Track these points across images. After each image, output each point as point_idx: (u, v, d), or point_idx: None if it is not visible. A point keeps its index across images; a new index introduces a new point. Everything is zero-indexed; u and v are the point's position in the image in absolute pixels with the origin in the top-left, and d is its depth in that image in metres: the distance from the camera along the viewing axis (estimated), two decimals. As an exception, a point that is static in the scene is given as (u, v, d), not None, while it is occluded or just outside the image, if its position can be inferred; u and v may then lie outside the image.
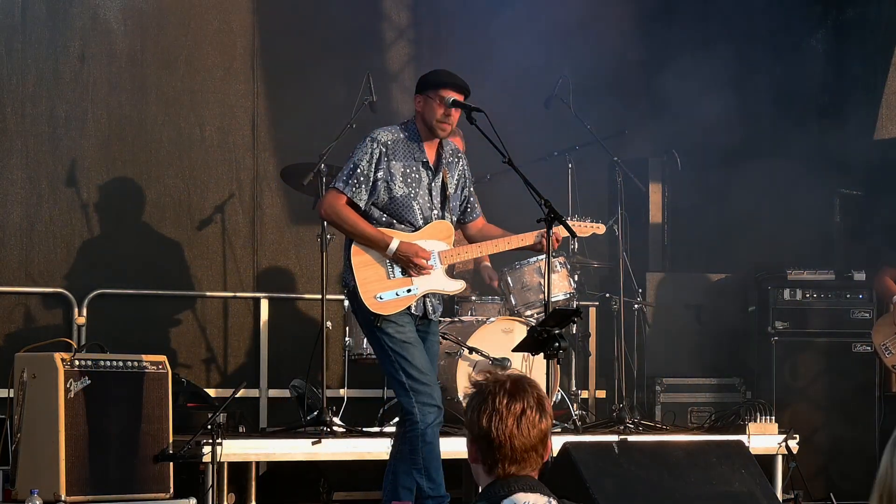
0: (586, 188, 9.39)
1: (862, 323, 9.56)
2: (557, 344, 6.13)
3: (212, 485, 7.46)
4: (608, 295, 9.49)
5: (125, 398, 7.44)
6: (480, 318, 8.65)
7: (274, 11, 9.77)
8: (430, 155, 6.85)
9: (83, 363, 7.35)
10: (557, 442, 7.61)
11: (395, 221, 6.77)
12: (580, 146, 9.35)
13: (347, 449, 7.88)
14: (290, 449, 7.82)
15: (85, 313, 8.86)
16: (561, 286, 8.69)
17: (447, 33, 10.04)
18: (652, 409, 9.64)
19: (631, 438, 8.29)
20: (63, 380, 7.23)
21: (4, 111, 8.96)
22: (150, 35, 9.39)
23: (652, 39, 10.11)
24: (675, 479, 7.73)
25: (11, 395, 7.54)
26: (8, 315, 8.87)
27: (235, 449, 7.60)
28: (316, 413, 8.15)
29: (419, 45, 10.17)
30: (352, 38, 9.97)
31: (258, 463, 8.30)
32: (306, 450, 7.80)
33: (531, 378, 3.61)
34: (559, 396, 8.65)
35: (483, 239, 7.05)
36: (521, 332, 7.84)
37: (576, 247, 9.08)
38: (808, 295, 9.75)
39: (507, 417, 3.50)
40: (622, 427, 8.70)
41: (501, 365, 8.30)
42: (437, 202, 6.86)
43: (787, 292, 9.75)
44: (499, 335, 8.40)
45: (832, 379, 9.64)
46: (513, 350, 6.82)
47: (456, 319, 8.76)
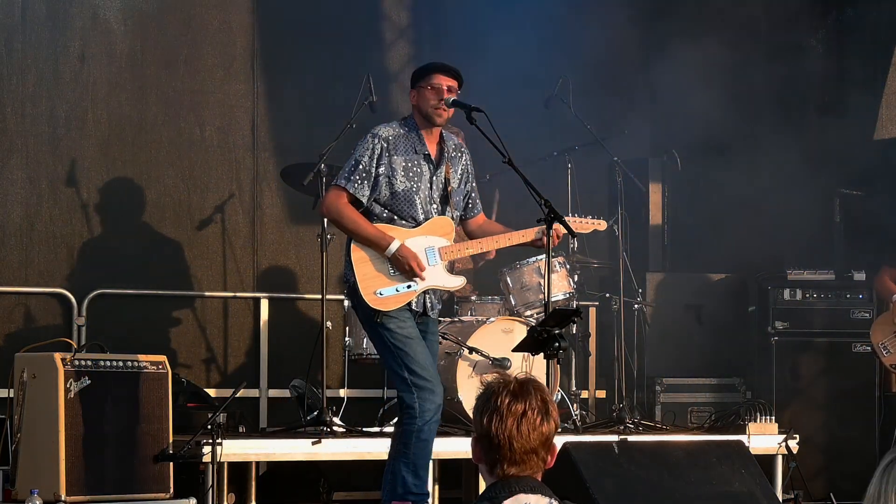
0: (586, 188, 9.39)
1: (862, 323, 9.56)
2: (557, 344, 6.12)
3: (212, 485, 7.46)
4: (608, 295, 9.49)
5: (125, 398, 7.44)
6: (480, 318, 8.65)
7: (274, 11, 9.77)
8: (432, 148, 6.84)
9: (83, 363, 7.34)
10: (557, 442, 7.58)
11: (396, 217, 6.76)
12: (580, 146, 9.35)
13: (347, 449, 7.88)
14: (290, 449, 7.82)
15: (85, 313, 8.86)
16: (561, 286, 8.69)
17: (447, 33, 10.04)
18: (652, 409, 9.64)
19: (631, 438, 8.29)
20: (63, 380, 7.23)
21: (4, 111, 8.96)
22: (150, 35, 9.39)
23: (652, 39, 10.11)
24: (675, 479, 7.73)
25: (11, 395, 7.53)
26: (8, 315, 8.87)
27: (235, 449, 7.60)
28: (316, 413, 8.15)
29: (419, 45, 10.16)
30: (352, 38, 9.97)
31: (258, 463, 8.30)
32: (306, 450, 7.80)
33: (539, 381, 3.59)
34: (559, 396, 8.65)
35: (483, 235, 7.04)
36: (521, 332, 7.84)
37: (575, 247, 9.08)
38: (808, 295, 9.75)
39: (508, 418, 3.49)
40: (622, 427, 8.70)
41: (501, 365, 8.30)
42: (437, 196, 6.85)
43: (787, 292, 9.75)
44: (499, 335, 8.40)
45: (832, 379, 9.64)
46: (513, 350, 6.82)
47: (456, 319, 8.76)
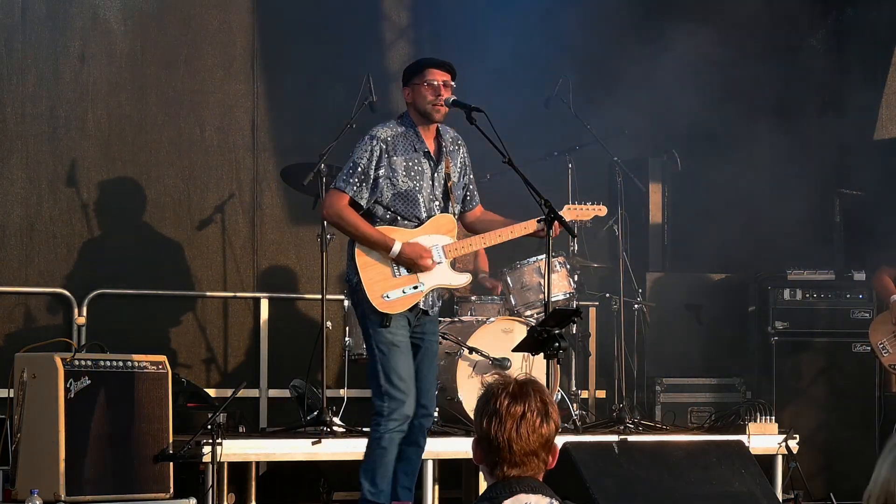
0: (586, 188, 9.38)
1: (862, 323, 9.55)
2: (557, 344, 6.12)
3: (212, 485, 7.46)
4: (608, 295, 9.49)
5: (125, 398, 7.44)
6: (480, 318, 8.65)
7: (274, 11, 9.77)
8: (430, 144, 6.82)
9: (83, 363, 7.34)
10: (557, 442, 7.59)
11: (399, 217, 6.74)
12: (580, 146, 9.36)
13: (347, 449, 7.88)
14: (290, 449, 7.82)
15: (85, 313, 8.86)
16: (561, 286, 8.69)
17: (447, 33, 10.03)
18: (652, 409, 9.64)
19: (631, 438, 8.29)
20: (63, 380, 7.23)
21: (4, 111, 8.97)
22: (150, 35, 9.39)
23: (651, 39, 10.11)
24: (675, 479, 7.73)
25: (11, 395, 7.53)
26: (8, 315, 8.87)
27: (235, 449, 7.60)
28: (316, 413, 8.15)
29: (419, 45, 10.16)
30: (352, 38, 9.97)
31: (258, 463, 8.30)
32: (306, 450, 7.80)
33: (539, 382, 3.57)
34: (559, 396, 8.65)
35: (482, 227, 7.02)
36: (521, 332, 7.84)
37: (575, 247, 9.08)
38: (808, 295, 9.75)
39: (507, 420, 3.48)
40: (622, 427, 8.70)
41: (501, 365, 8.30)
42: (440, 193, 6.84)
43: (787, 292, 9.75)
44: (499, 335, 8.40)
45: (832, 379, 9.64)
46: (513, 350, 6.82)
47: (456, 319, 8.76)
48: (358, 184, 6.68)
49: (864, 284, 9.72)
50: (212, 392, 8.95)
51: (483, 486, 6.73)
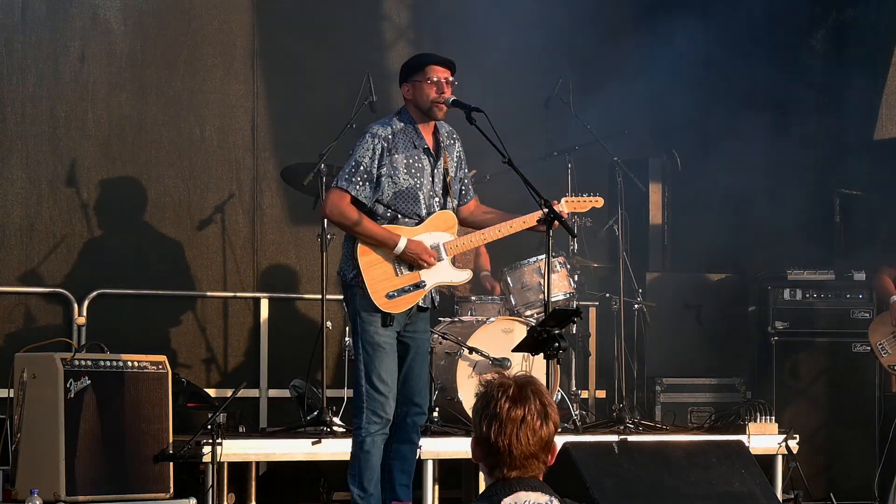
0: (586, 188, 9.37)
1: (862, 323, 9.55)
2: (557, 344, 6.11)
3: (212, 485, 7.46)
4: (608, 295, 9.49)
5: (125, 398, 7.44)
6: (480, 318, 8.65)
7: (274, 11, 9.77)
8: (429, 140, 6.80)
9: (83, 363, 7.34)
10: (557, 442, 7.58)
11: (400, 215, 6.72)
12: (580, 146, 9.35)
13: (347, 449, 7.84)
14: (290, 449, 7.82)
15: (85, 313, 8.86)
16: (561, 286, 8.69)
17: (447, 33, 10.03)
18: (652, 409, 9.64)
19: (631, 438, 8.29)
20: (63, 380, 7.23)
21: (4, 111, 8.97)
22: (150, 35, 9.39)
23: (651, 39, 10.11)
24: (675, 479, 7.73)
25: (11, 395, 7.53)
26: (8, 315, 8.87)
27: (235, 449, 7.60)
28: (316, 413, 8.15)
29: (419, 46, 10.15)
30: (352, 38, 9.97)
31: (258, 463, 8.30)
32: (306, 450, 7.80)
33: (538, 382, 3.56)
34: (559, 396, 8.65)
35: (477, 221, 7.00)
36: (521, 332, 7.84)
37: (575, 247, 9.08)
38: (808, 295, 9.75)
39: (507, 424, 3.46)
40: (622, 427, 8.70)
41: (501, 365, 8.30)
42: (440, 189, 6.83)
43: (787, 292, 9.75)
44: (499, 335, 8.40)
45: (832, 379, 9.64)
46: (513, 350, 6.81)
47: (456, 319, 8.76)
48: (361, 182, 6.66)
49: (864, 284, 9.71)
50: (212, 392, 8.95)
51: (483, 486, 6.73)
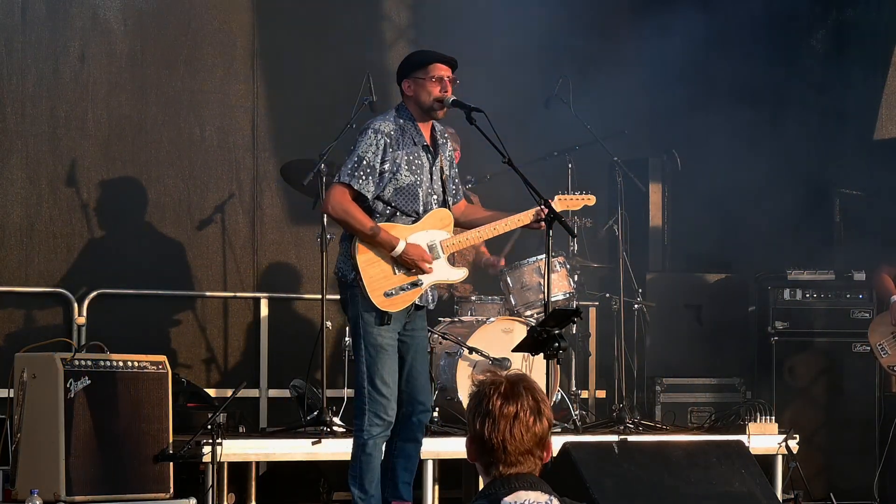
0: (586, 188, 9.37)
1: (862, 323, 9.55)
2: (557, 344, 6.12)
3: (212, 485, 7.46)
4: (608, 295, 9.49)
5: (125, 398, 7.44)
6: (480, 318, 8.64)
7: (274, 11, 9.77)
8: (427, 137, 6.80)
9: (83, 363, 7.34)
10: (557, 442, 7.61)
11: (399, 213, 6.72)
12: (580, 146, 9.35)
13: (347, 449, 7.84)
14: (290, 449, 7.82)
15: (85, 313, 8.86)
16: (561, 286, 8.69)
17: (447, 33, 10.03)
18: (652, 409, 9.64)
19: (631, 438, 8.29)
20: (63, 380, 7.23)
21: (4, 111, 8.97)
22: (150, 35, 9.39)
23: (651, 38, 10.11)
24: (675, 479, 7.72)
25: (11, 395, 7.53)
26: (8, 315, 8.87)
27: (235, 449, 7.60)
28: (316, 413, 8.14)
29: (419, 46, 10.13)
30: (352, 38, 9.97)
31: (258, 463, 8.30)
32: (306, 450, 7.80)
33: (530, 379, 3.57)
34: (559, 396, 8.65)
35: (466, 221, 7.00)
36: (521, 332, 7.84)
37: (575, 247, 9.08)
38: (808, 295, 9.75)
39: (500, 421, 3.47)
40: (622, 427, 8.70)
41: (501, 365, 8.30)
42: (437, 187, 6.83)
43: (787, 292, 9.75)
44: (499, 335, 8.40)
45: (832, 379, 9.64)
46: (513, 350, 6.81)
47: (456, 319, 8.76)
48: (364, 177, 6.64)
49: (864, 284, 9.71)
50: (212, 392, 8.95)
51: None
